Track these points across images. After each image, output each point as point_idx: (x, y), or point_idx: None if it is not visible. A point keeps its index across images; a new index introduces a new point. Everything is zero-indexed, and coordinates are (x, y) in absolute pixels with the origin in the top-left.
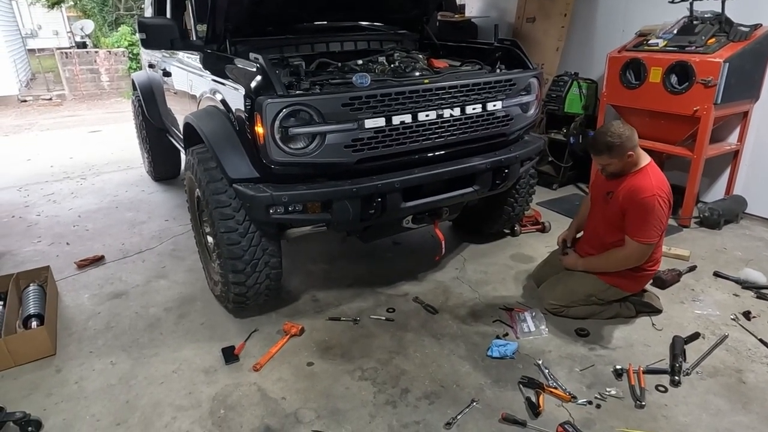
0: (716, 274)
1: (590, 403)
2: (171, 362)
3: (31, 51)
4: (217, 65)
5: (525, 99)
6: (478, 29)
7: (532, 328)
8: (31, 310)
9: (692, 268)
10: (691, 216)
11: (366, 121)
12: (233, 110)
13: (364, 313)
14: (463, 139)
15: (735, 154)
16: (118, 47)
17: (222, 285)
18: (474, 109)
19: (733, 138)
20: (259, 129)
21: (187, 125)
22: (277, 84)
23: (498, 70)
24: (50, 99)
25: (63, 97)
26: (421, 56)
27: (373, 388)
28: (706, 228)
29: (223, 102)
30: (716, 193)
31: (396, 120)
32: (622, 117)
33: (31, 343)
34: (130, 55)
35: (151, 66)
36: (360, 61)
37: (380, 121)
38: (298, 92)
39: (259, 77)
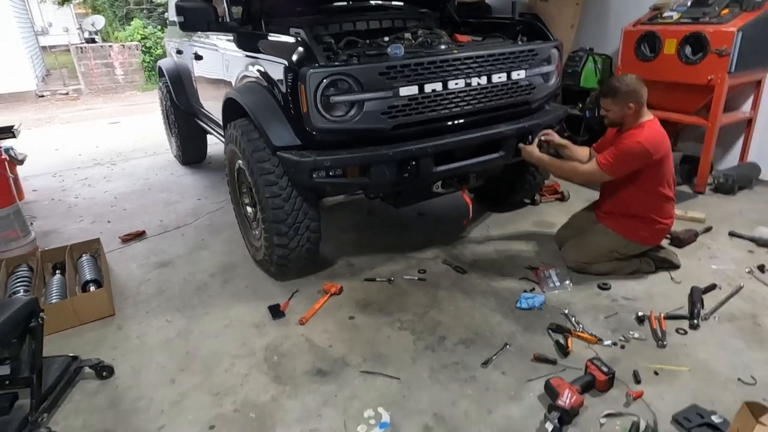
0: (731, 234)
1: (615, 344)
2: (222, 319)
3: (43, 48)
4: (255, 43)
5: (546, 69)
6: (492, 10)
7: (557, 283)
8: (88, 276)
9: (708, 229)
10: (705, 183)
11: (401, 89)
12: (275, 82)
13: (397, 274)
14: (489, 107)
15: (748, 122)
16: (131, 41)
17: (265, 249)
18: (499, 77)
19: (747, 106)
20: (303, 98)
21: (228, 101)
22: (319, 55)
23: (519, 43)
24: (67, 94)
25: (79, 91)
26: (443, 32)
27: (412, 336)
28: (721, 194)
29: (265, 76)
30: (730, 161)
31: (428, 88)
32: None
33: (93, 304)
34: (143, 49)
35: (179, 52)
36: (386, 38)
37: (414, 89)
38: (337, 63)
39: (301, 49)
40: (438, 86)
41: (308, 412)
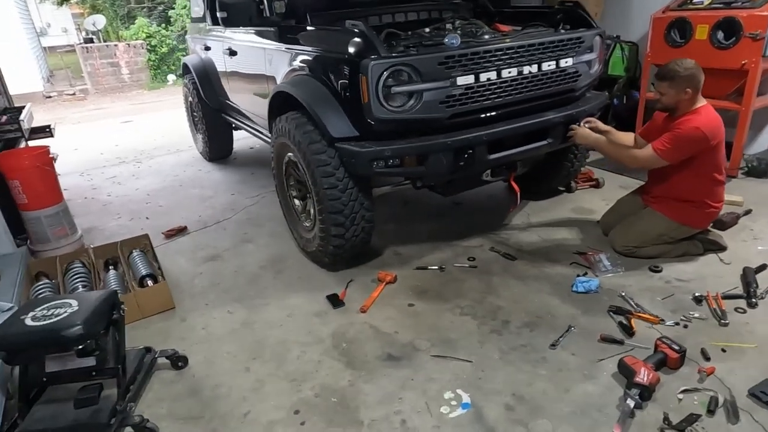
0: None
1: (677, 324)
2: (283, 309)
3: (43, 49)
4: (305, 37)
5: (590, 56)
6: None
7: (609, 267)
8: (143, 271)
9: (748, 212)
10: (738, 167)
11: (458, 78)
12: (331, 75)
13: (447, 262)
14: (538, 95)
15: None
16: (136, 40)
17: (320, 240)
18: (549, 65)
19: None
20: (364, 89)
21: (277, 94)
22: (379, 46)
23: (562, 31)
24: (74, 94)
25: (86, 91)
26: (481, 23)
27: (475, 321)
28: (753, 177)
29: (318, 69)
30: (760, 145)
31: (483, 77)
32: None
33: (155, 297)
34: (148, 47)
35: (207, 48)
36: (427, 29)
37: (470, 78)
38: (398, 53)
39: (360, 41)
40: (492, 75)
41: (388, 396)
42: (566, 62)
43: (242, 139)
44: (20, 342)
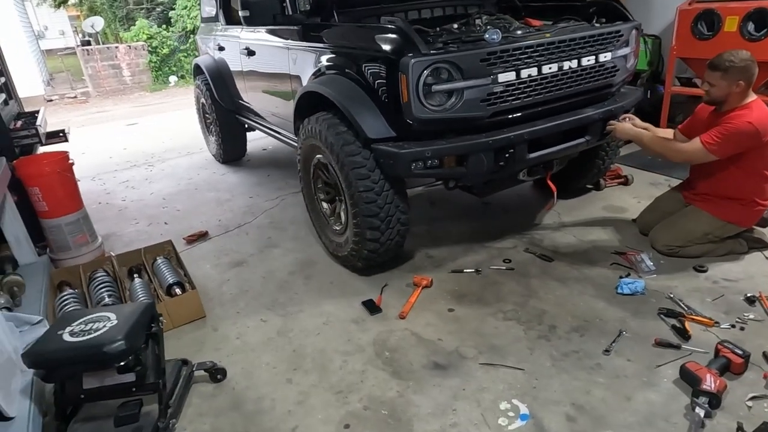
0: None
1: (733, 326)
2: (318, 316)
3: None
4: (335, 34)
5: (627, 50)
6: None
7: (652, 267)
8: (170, 279)
9: None
10: None
11: (499, 75)
12: (365, 73)
13: (482, 264)
14: (578, 91)
15: None
16: (137, 41)
17: (354, 244)
18: (588, 60)
19: None
20: (404, 88)
21: (307, 94)
22: (419, 43)
23: (598, 25)
24: (75, 97)
25: (87, 94)
26: (509, 17)
27: (521, 326)
28: None
29: (350, 67)
30: None
31: (524, 73)
32: (692, 70)
33: (185, 306)
34: (149, 49)
35: (220, 48)
36: (455, 26)
37: (511, 75)
38: (436, 51)
39: (398, 38)
40: (533, 71)
41: (441, 407)
42: (605, 57)
43: (255, 140)
44: (60, 359)
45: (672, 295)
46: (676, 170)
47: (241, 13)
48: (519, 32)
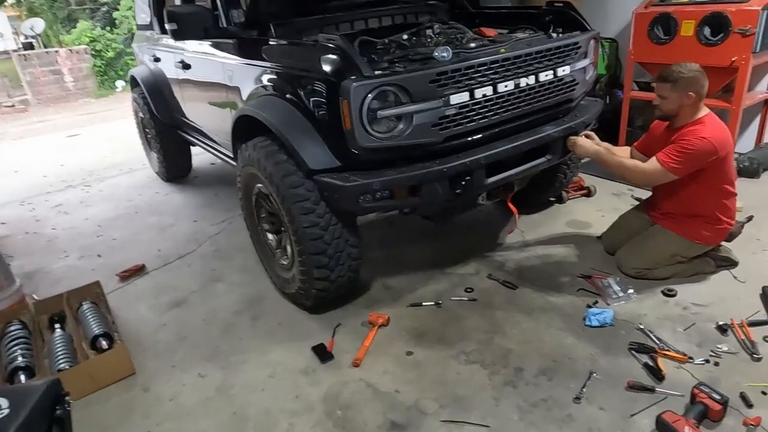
0: None
1: (707, 361)
2: (264, 367)
3: None
4: (272, 51)
5: (586, 62)
6: None
7: (620, 294)
8: (96, 330)
9: (750, 218)
10: None
11: (451, 96)
12: (305, 96)
13: (443, 295)
14: (536, 108)
15: (765, 103)
16: (79, 45)
17: (301, 283)
18: (546, 75)
19: (762, 86)
20: (345, 114)
21: (242, 118)
22: (361, 64)
23: (555, 35)
24: (13, 105)
25: (26, 102)
26: (463, 27)
27: (485, 371)
28: (746, 177)
29: (288, 89)
30: (747, 142)
31: (478, 93)
32: (649, 74)
33: (110, 365)
34: (93, 52)
35: (156, 60)
36: (405, 36)
37: (464, 96)
38: (381, 72)
39: (338, 59)
40: (488, 90)
41: None
42: (564, 71)
43: (202, 153)
44: None
45: (642, 326)
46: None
47: (168, 27)
48: (472, 45)
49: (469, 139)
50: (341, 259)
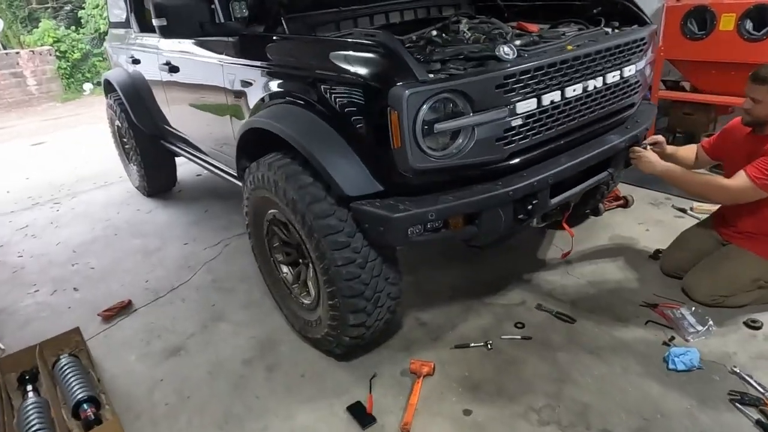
0: None
1: None
2: None
3: None
4: (288, 49)
5: (647, 60)
6: None
7: (699, 327)
8: (80, 394)
9: None
10: None
11: (518, 104)
12: (336, 106)
13: (490, 333)
14: (602, 115)
15: None
16: (42, 45)
17: (330, 329)
18: (614, 77)
19: None
20: (395, 129)
21: (251, 131)
22: (415, 67)
23: (610, 30)
24: None
25: None
26: (497, 21)
27: None
28: None
29: (312, 96)
30: None
31: (546, 100)
32: (679, 72)
33: None
34: (57, 53)
35: (135, 61)
36: (434, 32)
37: (532, 103)
38: (440, 75)
39: (384, 59)
40: (556, 96)
41: None
42: (630, 71)
43: (186, 164)
44: None
45: (737, 369)
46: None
47: (155, 23)
48: (518, 42)
49: (533, 154)
50: (380, 300)
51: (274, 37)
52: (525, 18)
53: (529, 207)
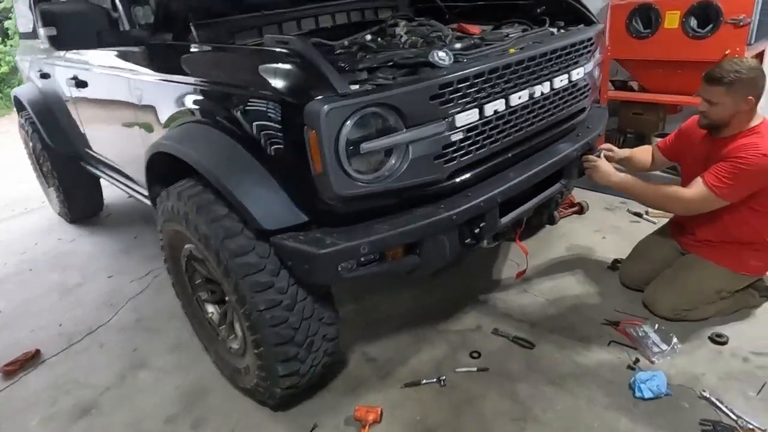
0: None
1: None
2: None
3: None
4: (196, 61)
5: (595, 62)
6: None
7: (663, 346)
8: None
9: None
10: None
11: (457, 117)
12: (249, 125)
13: (443, 365)
14: (551, 123)
15: None
16: None
17: (260, 379)
18: (561, 81)
19: None
20: (314, 151)
21: (157, 155)
22: (334, 77)
23: (555, 30)
24: None
25: None
26: (436, 23)
27: None
28: None
29: (223, 113)
30: None
31: (489, 109)
32: (626, 72)
33: None
34: None
35: (44, 76)
36: (368, 36)
37: (473, 115)
38: (360, 87)
39: (298, 69)
40: (500, 105)
41: None
42: (578, 74)
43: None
44: None
45: (706, 394)
46: None
47: (45, 33)
48: (458, 46)
49: (478, 170)
50: (314, 344)
51: (180, 47)
52: (467, 19)
53: (477, 230)
